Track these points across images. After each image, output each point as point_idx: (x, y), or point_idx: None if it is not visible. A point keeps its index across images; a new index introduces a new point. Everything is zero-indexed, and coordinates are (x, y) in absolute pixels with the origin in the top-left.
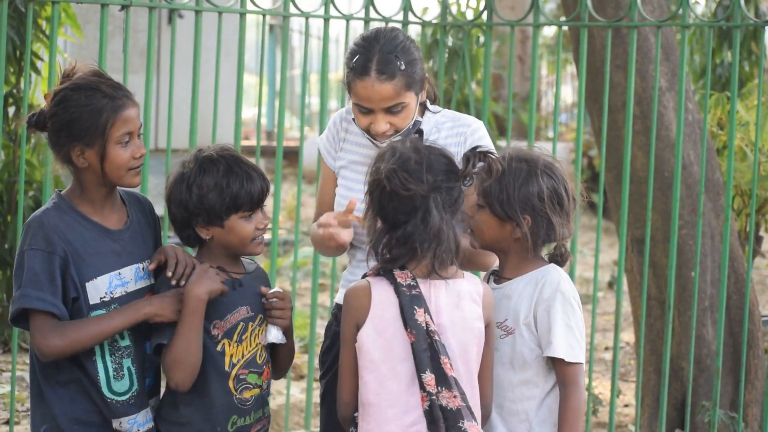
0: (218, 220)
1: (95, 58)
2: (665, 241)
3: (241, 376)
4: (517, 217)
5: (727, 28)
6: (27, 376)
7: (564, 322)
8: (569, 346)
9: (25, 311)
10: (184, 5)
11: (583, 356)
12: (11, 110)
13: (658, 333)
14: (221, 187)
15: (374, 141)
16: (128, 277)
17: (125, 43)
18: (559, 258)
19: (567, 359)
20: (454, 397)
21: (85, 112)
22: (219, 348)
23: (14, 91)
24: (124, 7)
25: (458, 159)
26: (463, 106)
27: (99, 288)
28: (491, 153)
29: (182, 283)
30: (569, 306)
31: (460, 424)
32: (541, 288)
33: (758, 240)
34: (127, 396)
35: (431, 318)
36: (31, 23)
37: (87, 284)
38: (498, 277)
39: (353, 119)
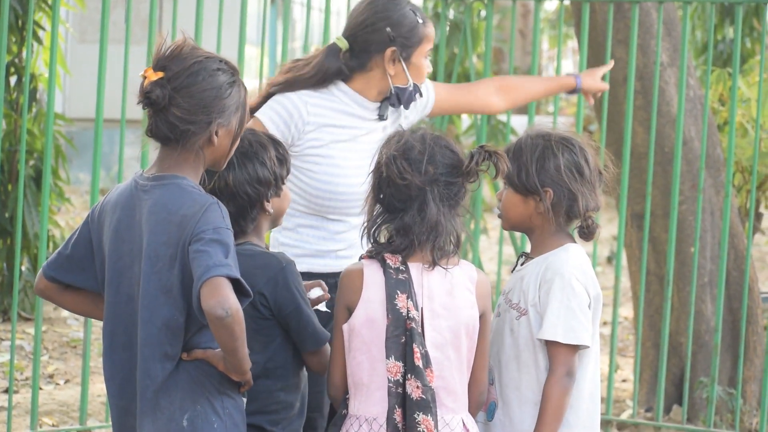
0: (283, 185)
1: (97, 28)
2: (665, 216)
3: None
4: (537, 189)
5: (729, 4)
6: (26, 345)
7: (561, 304)
8: (552, 325)
9: (215, 278)
10: None
11: (575, 338)
12: (13, 80)
13: (656, 308)
14: (281, 155)
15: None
16: None
17: (127, 14)
18: (585, 231)
19: (547, 338)
20: (417, 387)
21: (235, 89)
22: None
23: (16, 60)
24: None
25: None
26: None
27: None
28: (498, 152)
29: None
30: (569, 287)
31: (415, 416)
32: (545, 269)
33: (758, 216)
34: None
35: (414, 304)
36: None
37: None
38: (527, 257)
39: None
